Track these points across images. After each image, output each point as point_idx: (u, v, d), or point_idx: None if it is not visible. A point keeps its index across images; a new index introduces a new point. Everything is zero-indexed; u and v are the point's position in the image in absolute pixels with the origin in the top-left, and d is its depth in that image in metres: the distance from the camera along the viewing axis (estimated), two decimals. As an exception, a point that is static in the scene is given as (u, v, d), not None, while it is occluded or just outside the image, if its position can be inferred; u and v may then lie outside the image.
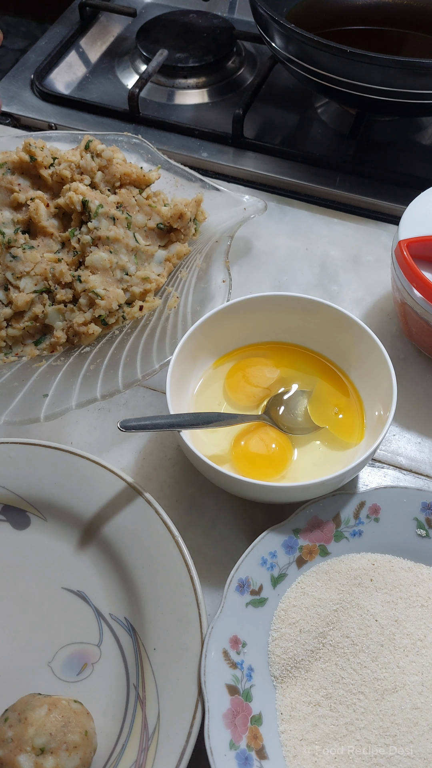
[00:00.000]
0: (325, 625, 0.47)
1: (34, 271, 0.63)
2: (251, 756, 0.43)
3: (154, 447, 0.60)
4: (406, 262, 0.57)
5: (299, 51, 0.70)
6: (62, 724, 0.42)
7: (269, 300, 0.58)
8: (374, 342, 0.55)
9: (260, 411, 0.57)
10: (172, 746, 0.43)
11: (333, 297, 0.70)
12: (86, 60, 0.95)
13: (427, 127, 0.84)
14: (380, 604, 0.48)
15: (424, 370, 0.64)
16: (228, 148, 0.83)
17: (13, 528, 0.54)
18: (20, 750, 0.41)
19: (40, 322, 0.63)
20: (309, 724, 0.45)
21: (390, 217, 0.76)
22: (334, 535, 0.51)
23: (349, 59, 0.66)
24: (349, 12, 0.86)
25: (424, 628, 0.48)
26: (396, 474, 0.58)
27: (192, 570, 0.48)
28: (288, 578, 0.49)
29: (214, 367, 0.60)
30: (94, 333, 0.62)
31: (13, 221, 0.65)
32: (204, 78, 0.90)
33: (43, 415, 0.55)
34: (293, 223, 0.77)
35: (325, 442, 0.55)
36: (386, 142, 0.83)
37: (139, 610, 0.49)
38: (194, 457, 0.49)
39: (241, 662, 0.46)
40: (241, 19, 0.99)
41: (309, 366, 0.60)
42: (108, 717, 0.46)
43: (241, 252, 0.74)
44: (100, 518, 0.52)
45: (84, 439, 0.61)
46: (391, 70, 0.65)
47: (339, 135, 0.84)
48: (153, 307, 0.64)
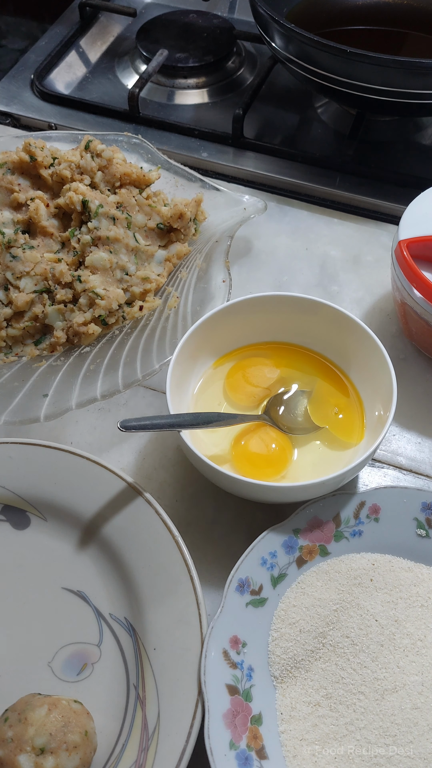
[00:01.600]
0: (325, 625, 0.47)
1: (34, 271, 0.63)
2: (251, 756, 0.43)
3: (154, 447, 0.60)
4: (406, 262, 0.57)
5: (299, 51, 0.70)
6: (62, 724, 0.42)
7: (269, 300, 0.58)
8: (374, 342, 0.55)
9: (260, 411, 0.57)
10: (172, 746, 0.43)
11: (333, 297, 0.70)
12: (86, 60, 0.95)
13: (427, 127, 0.84)
14: (380, 604, 0.48)
15: (424, 370, 0.64)
16: (228, 148, 0.83)
17: (13, 528, 0.54)
18: (20, 750, 0.41)
19: (40, 322, 0.63)
20: (309, 724, 0.45)
21: (390, 217, 0.76)
22: (334, 535, 0.51)
23: (349, 59, 0.66)
24: (349, 12, 0.86)
25: (424, 628, 0.48)
26: (396, 474, 0.58)
27: (192, 570, 0.48)
28: (288, 578, 0.49)
29: (214, 367, 0.60)
30: (94, 333, 0.62)
31: (13, 221, 0.65)
32: (204, 78, 0.90)
33: (43, 415, 0.55)
34: (293, 223, 0.77)
35: (325, 442, 0.55)
36: (386, 142, 0.83)
37: (139, 610, 0.49)
38: (194, 457, 0.49)
39: (241, 662, 0.46)
40: (241, 19, 0.99)
41: (309, 366, 0.60)
42: (108, 717, 0.46)
43: (241, 252, 0.74)
44: (100, 518, 0.52)
45: (84, 439, 0.61)
46: (391, 70, 0.65)
47: (339, 135, 0.84)
48: (153, 307, 0.64)
